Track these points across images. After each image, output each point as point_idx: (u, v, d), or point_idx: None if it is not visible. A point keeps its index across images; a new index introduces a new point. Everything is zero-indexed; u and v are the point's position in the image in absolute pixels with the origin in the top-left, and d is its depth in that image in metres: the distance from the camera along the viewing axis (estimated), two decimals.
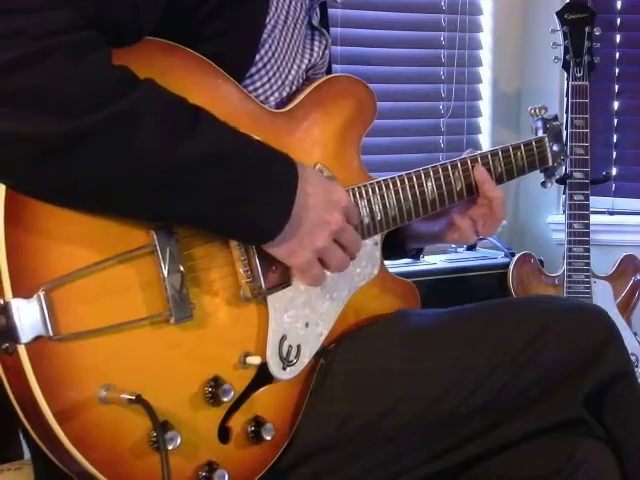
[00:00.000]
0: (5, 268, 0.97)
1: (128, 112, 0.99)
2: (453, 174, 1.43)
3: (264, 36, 1.26)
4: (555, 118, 1.68)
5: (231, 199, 1.08)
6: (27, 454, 1.25)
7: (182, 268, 1.08)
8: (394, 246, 1.51)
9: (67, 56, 0.96)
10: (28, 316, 0.97)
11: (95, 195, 1.02)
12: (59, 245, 1.01)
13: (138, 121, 1.00)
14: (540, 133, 1.65)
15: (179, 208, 1.06)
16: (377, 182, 1.35)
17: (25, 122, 0.95)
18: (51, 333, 0.98)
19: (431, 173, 1.40)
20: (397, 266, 2.50)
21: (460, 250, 2.82)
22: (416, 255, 1.65)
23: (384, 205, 1.34)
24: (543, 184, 1.72)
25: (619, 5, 2.94)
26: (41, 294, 0.98)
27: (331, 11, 1.50)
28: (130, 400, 1.01)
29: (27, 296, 0.97)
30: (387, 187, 1.35)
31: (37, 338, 0.97)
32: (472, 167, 1.45)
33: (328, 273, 1.22)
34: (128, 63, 1.04)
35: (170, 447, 1.03)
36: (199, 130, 1.05)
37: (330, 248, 1.18)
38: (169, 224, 1.09)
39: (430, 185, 1.40)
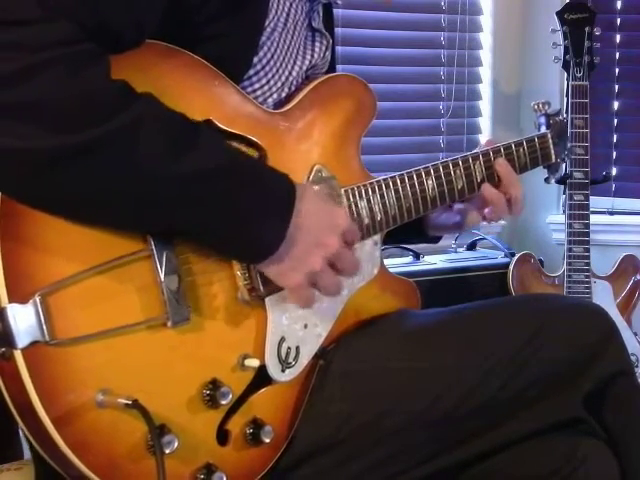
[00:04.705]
0: (1, 274, 0.96)
1: (127, 127, 0.98)
2: (454, 172, 1.43)
3: (263, 39, 1.25)
4: (559, 113, 1.68)
5: (228, 215, 1.07)
6: (27, 454, 1.25)
7: (179, 271, 1.08)
8: (415, 231, 1.53)
9: (66, 69, 0.95)
10: (24, 321, 0.96)
11: (94, 209, 1.02)
12: (55, 250, 1.01)
13: (137, 136, 0.99)
14: (543, 129, 1.65)
15: (176, 223, 1.06)
16: (377, 181, 1.34)
17: (24, 136, 0.94)
18: (47, 338, 0.98)
19: (431, 171, 1.40)
20: (397, 266, 2.52)
21: (460, 250, 2.82)
22: (436, 240, 1.64)
23: (384, 204, 1.34)
24: (546, 180, 1.71)
25: (619, 5, 2.94)
26: (37, 299, 0.97)
27: None
28: (127, 405, 1.01)
29: (23, 301, 0.97)
30: (387, 186, 1.34)
31: (33, 343, 0.97)
32: (474, 165, 1.45)
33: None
34: (125, 68, 1.04)
35: (167, 451, 1.03)
36: (198, 146, 1.04)
37: (323, 272, 1.15)
38: None
39: (431, 183, 1.39)
